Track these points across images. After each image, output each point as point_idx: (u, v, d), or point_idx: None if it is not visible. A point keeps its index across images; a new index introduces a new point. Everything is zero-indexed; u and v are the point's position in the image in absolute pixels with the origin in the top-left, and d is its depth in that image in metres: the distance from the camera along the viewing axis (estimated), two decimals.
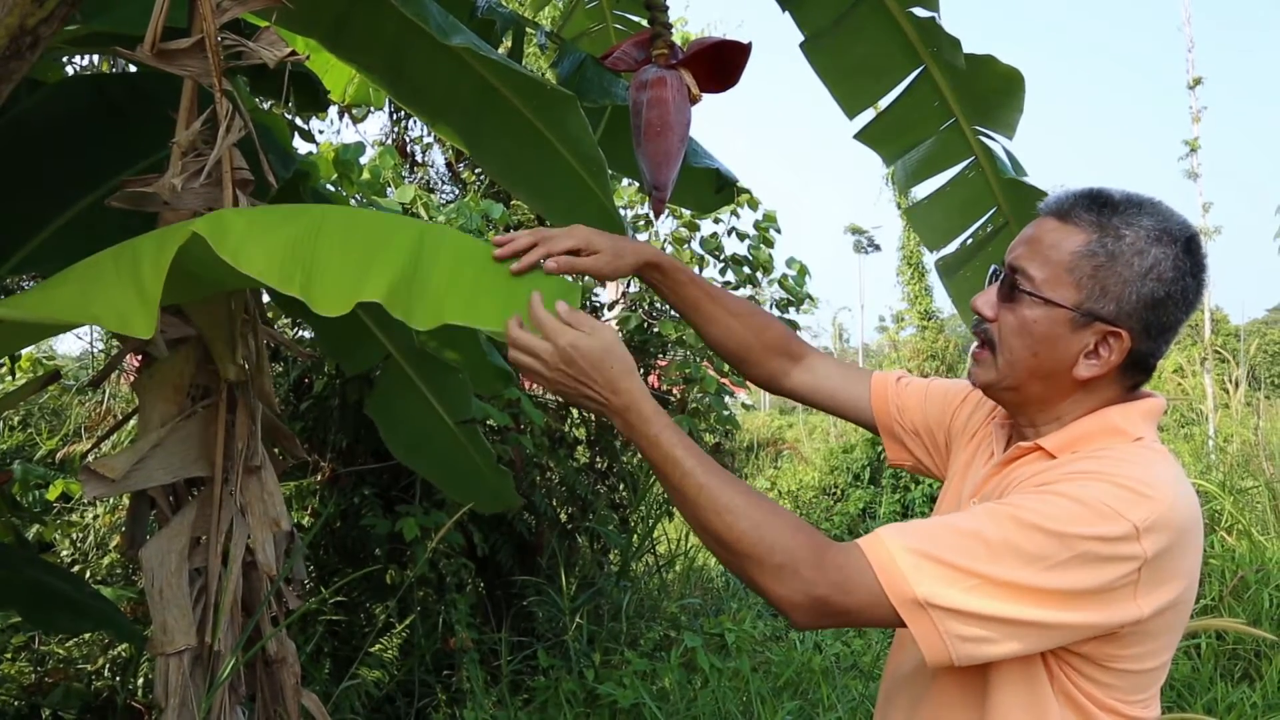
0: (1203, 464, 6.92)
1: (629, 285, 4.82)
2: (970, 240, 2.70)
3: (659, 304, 4.82)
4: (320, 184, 2.62)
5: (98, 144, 2.04)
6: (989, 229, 2.68)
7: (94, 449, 3.48)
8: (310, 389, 3.75)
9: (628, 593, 4.20)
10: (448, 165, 5.07)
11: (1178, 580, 1.09)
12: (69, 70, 3.14)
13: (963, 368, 11.79)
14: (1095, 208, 1.18)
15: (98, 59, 3.13)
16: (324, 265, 1.20)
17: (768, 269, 4.94)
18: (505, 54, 2.31)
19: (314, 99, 2.30)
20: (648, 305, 4.75)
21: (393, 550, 3.62)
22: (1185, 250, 1.16)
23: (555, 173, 2.22)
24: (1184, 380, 8.93)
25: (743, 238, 4.94)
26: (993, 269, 1.28)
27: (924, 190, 2.69)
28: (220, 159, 1.53)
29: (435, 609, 3.58)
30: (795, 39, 2.43)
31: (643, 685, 3.34)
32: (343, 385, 3.56)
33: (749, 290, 4.98)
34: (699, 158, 2.53)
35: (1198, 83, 9.70)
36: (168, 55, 1.51)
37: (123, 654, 3.24)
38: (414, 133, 5.04)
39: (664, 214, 2.19)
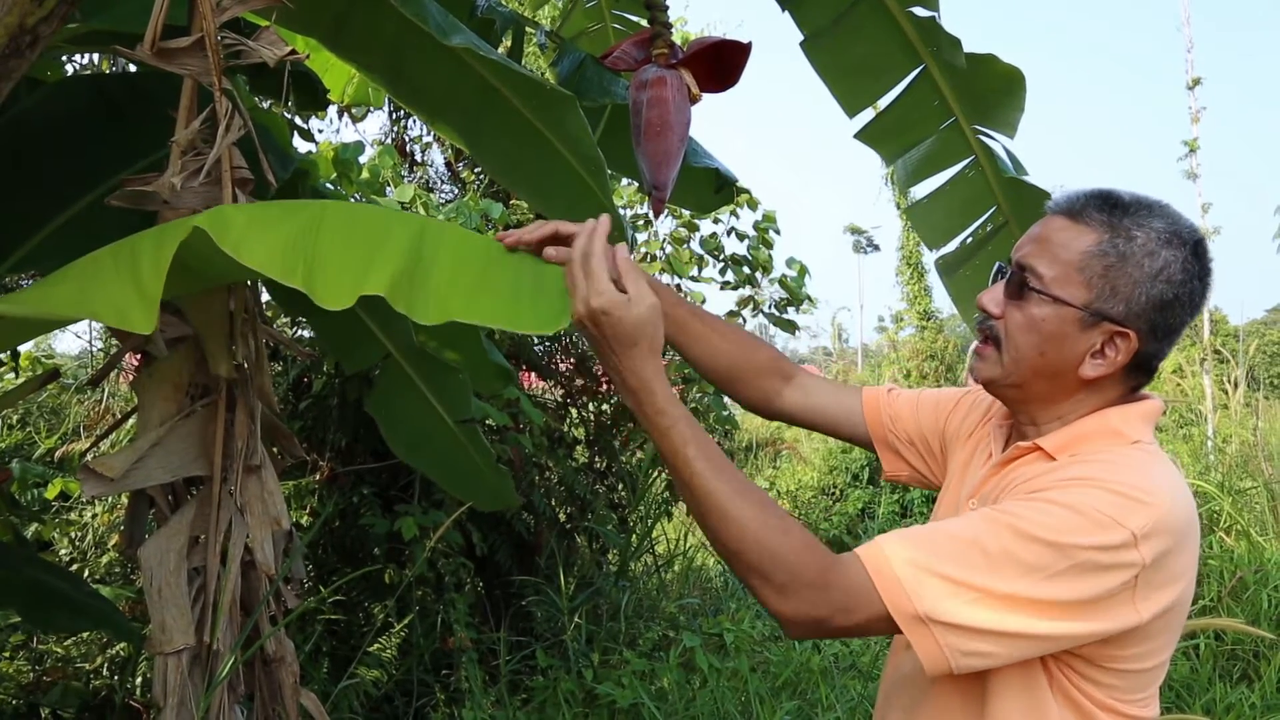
0: (1201, 464, 6.92)
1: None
2: (970, 239, 2.70)
3: None
4: (320, 183, 2.62)
5: (97, 143, 2.04)
6: (989, 228, 2.68)
7: (93, 448, 3.48)
8: (309, 388, 3.75)
9: (626, 592, 4.20)
10: (447, 164, 5.07)
11: (1176, 583, 1.10)
12: (69, 69, 3.14)
13: (961, 368, 11.79)
14: (1106, 208, 1.18)
15: (97, 58, 3.13)
16: (325, 258, 1.20)
17: (767, 269, 4.94)
18: (505, 53, 2.31)
19: (313, 98, 2.30)
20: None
21: (391, 550, 3.62)
22: (1194, 253, 1.17)
23: (555, 172, 2.22)
24: (1183, 381, 8.93)
25: (742, 238, 4.94)
26: (997, 266, 1.28)
27: (924, 189, 2.70)
28: (220, 158, 1.53)
29: (434, 608, 3.58)
30: (795, 39, 2.43)
31: (641, 685, 3.34)
32: (342, 384, 3.56)
33: (748, 290, 4.99)
34: (699, 157, 2.53)
35: (1197, 83, 9.70)
36: (167, 54, 1.51)
37: (121, 653, 3.24)
38: (413, 132, 5.04)
39: (663, 214, 2.19)
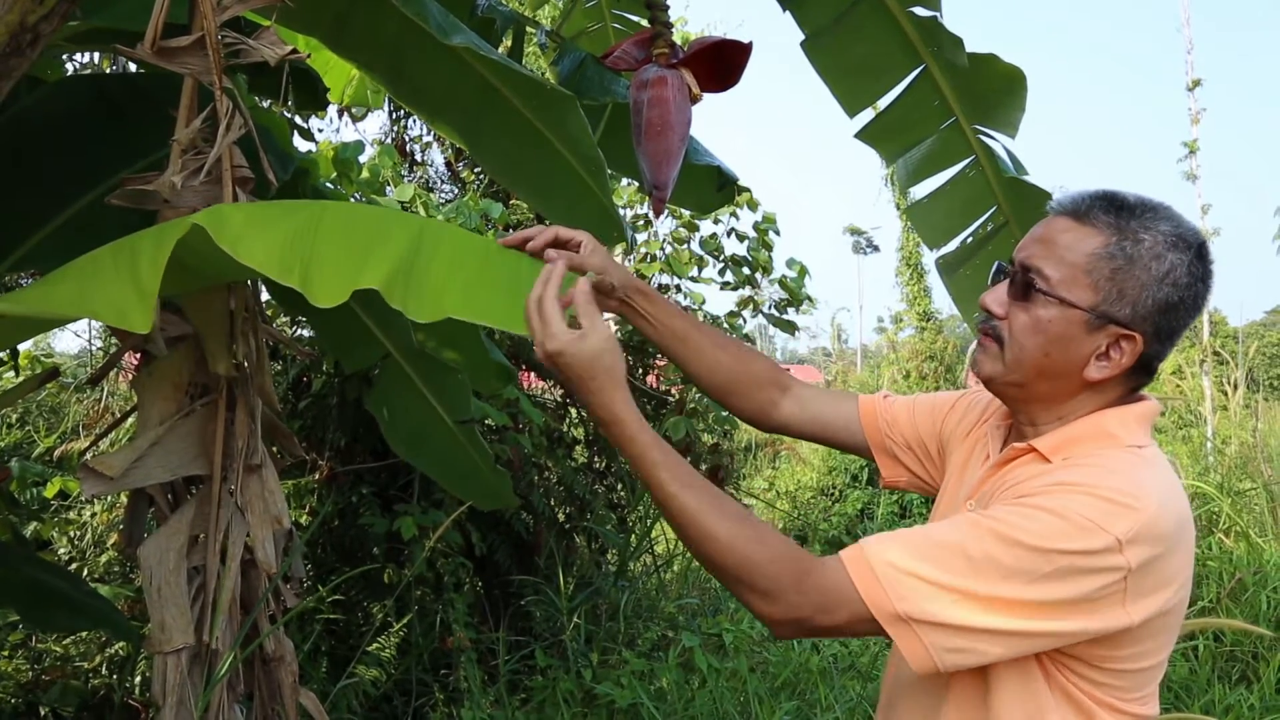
0: (1201, 466, 6.92)
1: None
2: (970, 239, 2.71)
3: None
4: (320, 182, 2.62)
5: (98, 142, 2.04)
6: (989, 228, 2.68)
7: (92, 447, 3.48)
8: (309, 387, 3.74)
9: (625, 592, 4.20)
10: (447, 164, 5.07)
11: (1167, 587, 1.10)
12: (69, 67, 3.13)
13: (961, 369, 11.79)
14: (1113, 210, 1.18)
15: (98, 56, 3.12)
16: (322, 257, 1.20)
17: (767, 270, 4.94)
18: (505, 53, 2.31)
19: (314, 97, 2.31)
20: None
21: (390, 549, 3.62)
22: (1198, 255, 1.17)
23: (555, 172, 2.22)
24: (1183, 382, 8.94)
25: (742, 239, 4.93)
26: (997, 265, 1.28)
27: (924, 189, 2.70)
28: (220, 157, 1.53)
29: (433, 608, 3.58)
30: (795, 39, 2.43)
31: (640, 685, 3.34)
32: (341, 384, 3.56)
33: (748, 291, 4.98)
34: (700, 155, 2.53)
35: (1197, 84, 9.70)
36: (168, 53, 1.51)
37: (120, 652, 3.24)
38: (413, 131, 5.04)
39: (664, 214, 2.19)
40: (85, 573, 3.49)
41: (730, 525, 1.11)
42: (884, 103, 2.56)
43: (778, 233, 4.96)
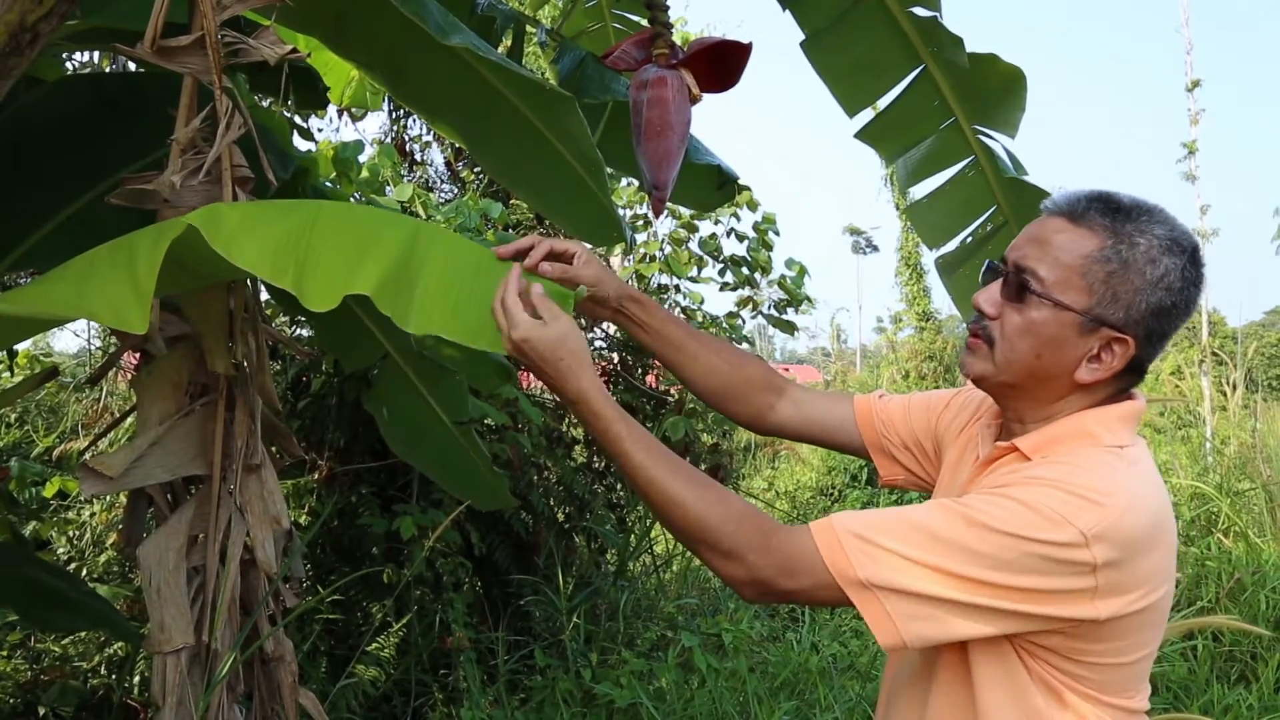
0: (1200, 466, 6.92)
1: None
2: (970, 239, 2.71)
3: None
4: (320, 181, 2.61)
5: (97, 141, 2.03)
6: (989, 227, 2.68)
7: (91, 446, 3.48)
8: (308, 387, 3.74)
9: (625, 592, 4.20)
10: (446, 164, 5.06)
11: (1141, 586, 1.10)
12: (68, 67, 3.13)
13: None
14: (1109, 212, 1.18)
15: (97, 56, 3.12)
16: (317, 260, 1.20)
17: (766, 270, 4.93)
18: (505, 52, 2.30)
19: (314, 96, 2.30)
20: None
21: (390, 549, 3.62)
22: (1191, 260, 1.17)
23: (554, 172, 2.22)
24: (1182, 382, 8.94)
25: (742, 239, 4.93)
26: (988, 264, 1.28)
27: (924, 189, 2.70)
28: (220, 156, 1.53)
29: (432, 608, 3.58)
30: (795, 40, 2.43)
31: (640, 685, 3.34)
32: (340, 384, 3.55)
33: (747, 291, 4.98)
34: (700, 154, 2.52)
35: (1196, 85, 9.70)
36: (168, 52, 1.50)
37: (119, 652, 3.23)
38: (413, 131, 5.03)
39: (663, 214, 2.19)
40: (84, 573, 3.48)
41: (693, 489, 1.16)
42: (884, 102, 2.56)
43: (777, 233, 4.96)
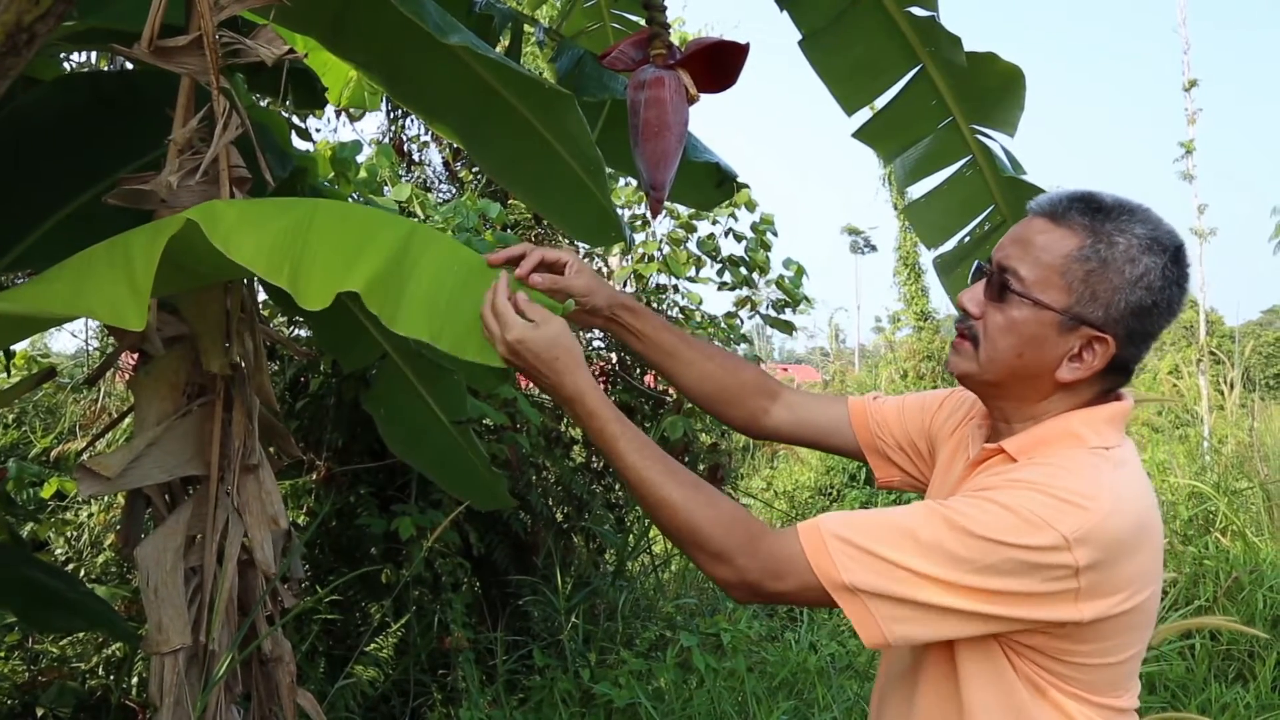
0: (1197, 465, 6.93)
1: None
2: (968, 238, 2.71)
3: (656, 305, 4.81)
4: (319, 181, 2.61)
5: (94, 141, 2.03)
6: (987, 227, 2.68)
7: (89, 447, 3.47)
8: (306, 387, 3.74)
9: (624, 592, 4.20)
10: (445, 164, 5.06)
11: (1125, 588, 1.11)
12: (66, 67, 3.12)
13: None
14: (1089, 212, 1.19)
15: (95, 56, 3.12)
16: (313, 258, 1.20)
17: (764, 270, 4.93)
18: (503, 51, 2.30)
19: (312, 96, 2.30)
20: (643, 305, 4.72)
21: (388, 549, 3.61)
22: (1173, 260, 1.18)
23: (553, 172, 2.22)
24: (1179, 381, 8.95)
25: (740, 239, 4.92)
26: (976, 265, 1.29)
27: (922, 188, 2.70)
28: (217, 157, 1.53)
29: (431, 608, 3.57)
30: (793, 39, 2.43)
31: (638, 685, 3.34)
32: (339, 384, 3.55)
33: (745, 291, 4.97)
34: (699, 152, 2.52)
35: (1193, 85, 9.72)
36: (165, 52, 1.50)
37: (117, 652, 3.23)
38: (411, 131, 5.03)
39: (661, 214, 2.19)
40: (82, 573, 3.48)
41: (684, 491, 1.17)
42: (882, 102, 2.56)
43: (775, 233, 4.95)
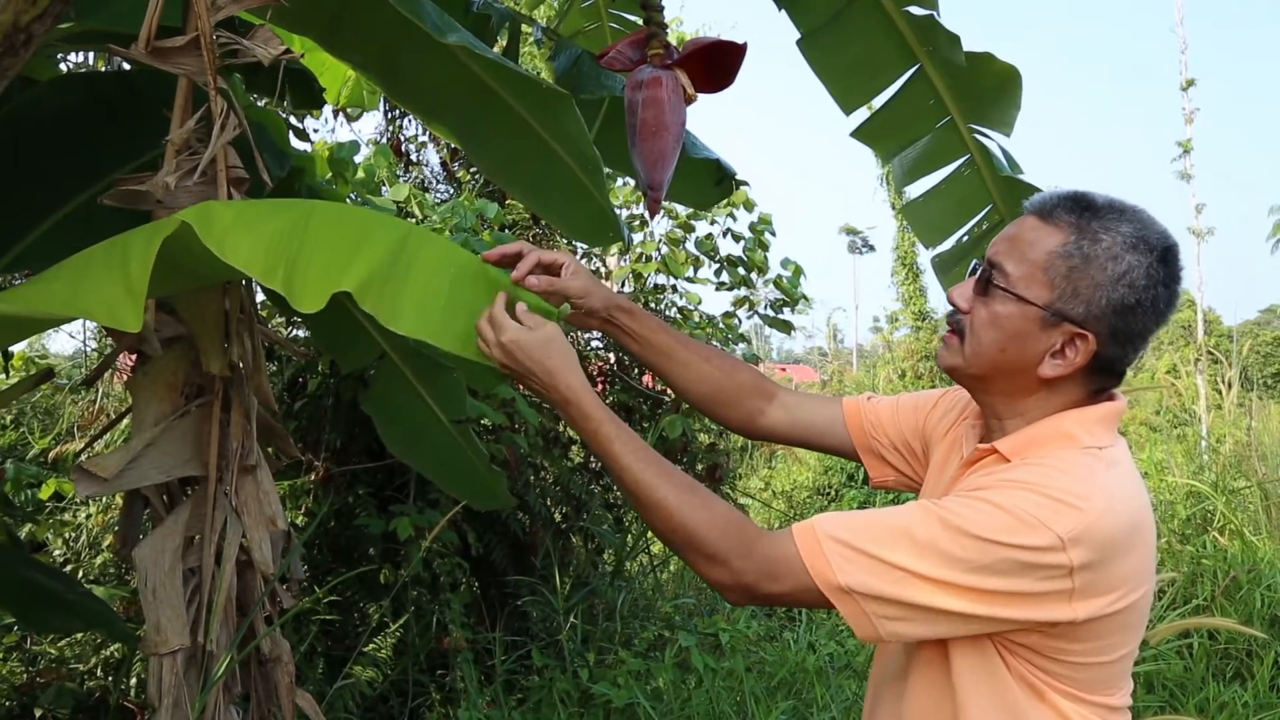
0: (1195, 464, 6.94)
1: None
2: (966, 237, 2.71)
3: (654, 305, 4.81)
4: (316, 181, 2.61)
5: (91, 142, 2.03)
6: (984, 226, 2.68)
7: (87, 448, 3.47)
8: (304, 388, 3.73)
9: (622, 592, 4.20)
10: (442, 164, 5.06)
11: (1119, 588, 1.11)
12: (63, 68, 3.12)
13: None
14: (1077, 210, 1.20)
15: (92, 56, 3.11)
16: (308, 259, 1.20)
17: (763, 270, 4.93)
18: (501, 51, 2.30)
19: (310, 96, 2.30)
20: (641, 305, 4.73)
21: (387, 550, 3.61)
22: (1160, 260, 1.18)
23: (551, 171, 2.22)
24: (1177, 381, 8.96)
25: (738, 239, 4.92)
26: (974, 263, 1.31)
27: (920, 188, 2.70)
28: (215, 157, 1.52)
29: (429, 608, 3.57)
30: (791, 39, 2.43)
31: (637, 685, 3.34)
32: (337, 384, 3.55)
33: (744, 291, 4.98)
34: (698, 150, 2.51)
35: (1190, 84, 9.73)
36: (162, 53, 1.50)
37: (116, 654, 3.23)
38: (409, 131, 5.03)
39: (659, 214, 2.20)
40: (80, 574, 3.48)
41: (679, 493, 1.18)
42: (880, 101, 2.56)
43: (773, 233, 4.95)
